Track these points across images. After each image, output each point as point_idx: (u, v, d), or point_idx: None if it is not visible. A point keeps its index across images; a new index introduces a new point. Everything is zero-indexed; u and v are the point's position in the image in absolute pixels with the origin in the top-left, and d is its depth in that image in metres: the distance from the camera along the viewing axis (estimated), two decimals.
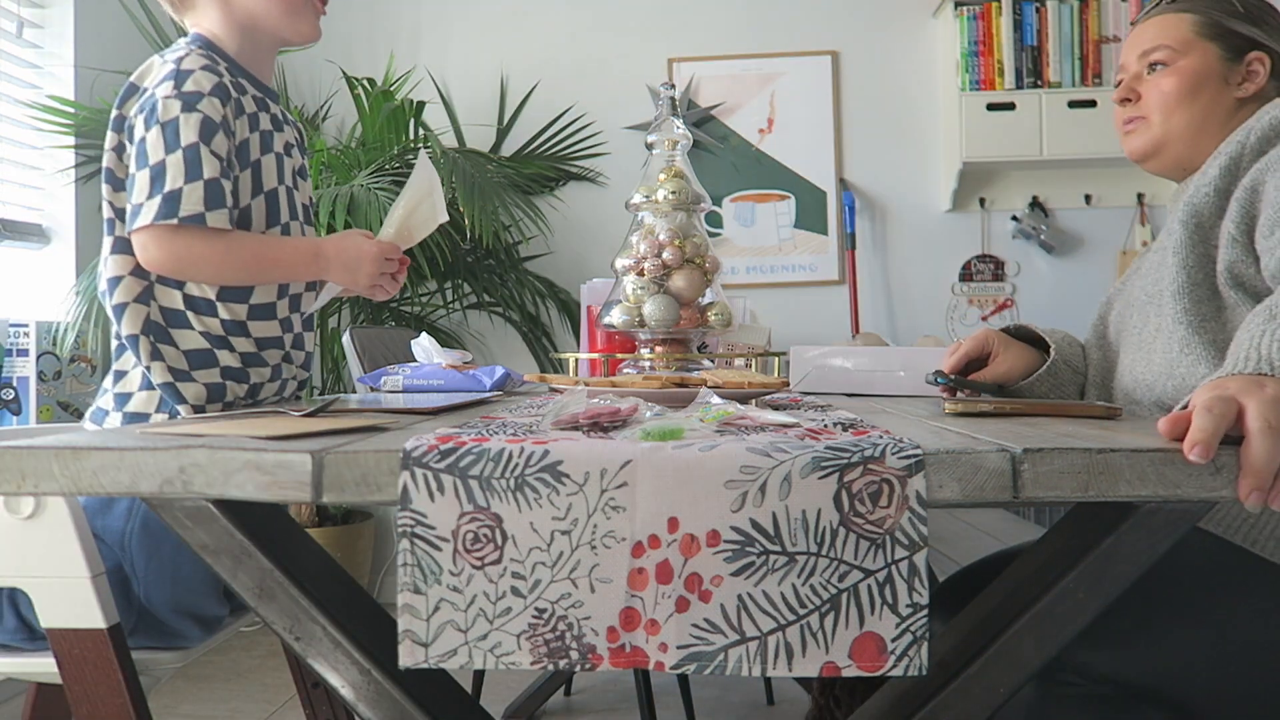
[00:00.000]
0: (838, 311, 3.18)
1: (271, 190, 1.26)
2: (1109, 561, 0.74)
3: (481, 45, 3.28)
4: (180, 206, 1.13)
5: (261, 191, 1.25)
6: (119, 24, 2.77)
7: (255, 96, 1.26)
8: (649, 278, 1.36)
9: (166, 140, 1.14)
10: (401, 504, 0.69)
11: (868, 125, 3.22)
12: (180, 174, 1.14)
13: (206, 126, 1.16)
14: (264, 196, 1.25)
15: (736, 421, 0.83)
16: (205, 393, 1.21)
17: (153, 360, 1.19)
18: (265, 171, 1.25)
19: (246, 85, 1.25)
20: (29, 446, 0.72)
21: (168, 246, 1.15)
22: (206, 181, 1.15)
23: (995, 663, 0.75)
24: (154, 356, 1.19)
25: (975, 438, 0.75)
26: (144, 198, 1.15)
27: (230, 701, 2.33)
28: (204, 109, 1.16)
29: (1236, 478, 0.68)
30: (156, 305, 1.21)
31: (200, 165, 1.15)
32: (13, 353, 2.27)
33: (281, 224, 1.27)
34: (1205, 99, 1.20)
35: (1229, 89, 1.20)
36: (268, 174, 1.26)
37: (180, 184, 1.14)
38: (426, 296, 3.12)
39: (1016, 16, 2.97)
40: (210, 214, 1.15)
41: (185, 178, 1.14)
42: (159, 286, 1.21)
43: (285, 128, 1.33)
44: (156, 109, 1.15)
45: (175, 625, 1.18)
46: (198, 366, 1.21)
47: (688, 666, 0.67)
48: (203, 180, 1.15)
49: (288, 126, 1.34)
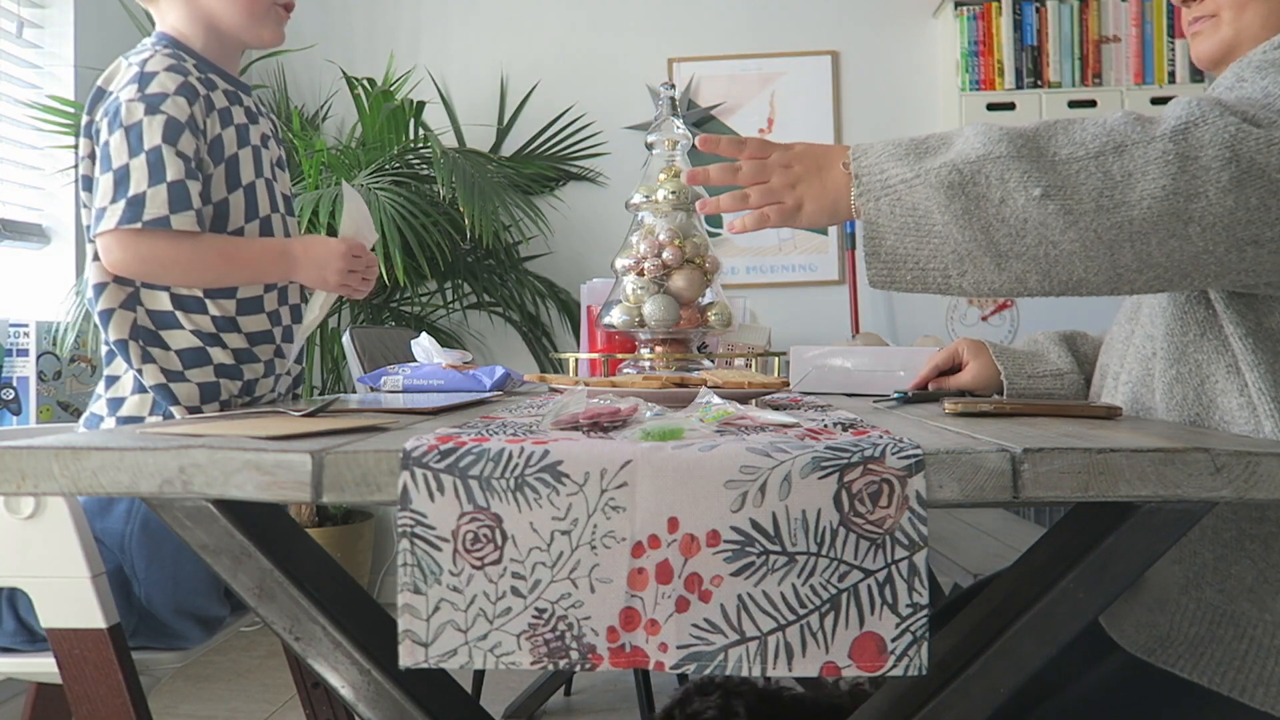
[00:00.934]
0: (837, 311, 3.18)
1: (250, 184, 1.26)
2: (1109, 561, 0.74)
3: (481, 45, 3.28)
4: (144, 210, 1.13)
5: (240, 186, 1.24)
6: (119, 24, 2.77)
7: (226, 91, 1.26)
8: (649, 278, 1.36)
9: (130, 144, 1.14)
10: (401, 504, 0.69)
11: (868, 125, 3.22)
12: (144, 177, 1.13)
13: (171, 127, 1.15)
14: (242, 191, 1.25)
15: (736, 421, 0.83)
16: (199, 392, 1.21)
17: (144, 363, 1.19)
18: (243, 165, 1.25)
19: (216, 80, 1.25)
20: (29, 446, 0.72)
21: (132, 250, 1.15)
22: (170, 184, 1.14)
23: (995, 663, 0.75)
24: (145, 359, 1.19)
25: (975, 438, 0.75)
26: (108, 201, 1.15)
27: (230, 701, 2.33)
28: (168, 110, 1.15)
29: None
30: (143, 309, 1.20)
31: (164, 168, 1.14)
32: (13, 353, 2.27)
33: (261, 217, 1.27)
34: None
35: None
36: (245, 167, 1.25)
37: (144, 187, 1.13)
38: (426, 296, 3.12)
39: (1016, 16, 2.97)
40: (175, 216, 1.14)
41: (149, 181, 1.13)
42: (145, 290, 1.21)
43: (260, 119, 1.32)
44: (120, 112, 1.15)
45: (176, 626, 1.18)
46: (190, 365, 1.21)
47: (688, 666, 0.67)
48: (166, 183, 1.14)
49: (263, 118, 1.33)
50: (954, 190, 0.81)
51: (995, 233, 0.81)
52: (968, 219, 0.81)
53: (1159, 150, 0.77)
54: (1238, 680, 0.84)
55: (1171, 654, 0.88)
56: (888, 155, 0.86)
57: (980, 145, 0.82)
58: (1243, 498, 0.68)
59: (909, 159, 0.84)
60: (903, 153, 0.85)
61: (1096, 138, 0.79)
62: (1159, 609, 0.90)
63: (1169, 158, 0.77)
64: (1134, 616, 0.92)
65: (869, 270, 0.87)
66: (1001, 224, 0.80)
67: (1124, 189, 0.77)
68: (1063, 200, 0.78)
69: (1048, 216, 0.78)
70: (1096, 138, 0.79)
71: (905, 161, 0.84)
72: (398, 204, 2.61)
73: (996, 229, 0.81)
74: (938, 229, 0.83)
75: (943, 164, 0.82)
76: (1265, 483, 0.68)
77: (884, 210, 0.85)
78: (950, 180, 0.81)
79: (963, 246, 0.82)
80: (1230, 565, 0.86)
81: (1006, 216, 0.80)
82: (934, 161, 0.83)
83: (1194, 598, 0.88)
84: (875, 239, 0.86)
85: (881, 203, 0.85)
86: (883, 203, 0.85)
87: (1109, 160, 0.78)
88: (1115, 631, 0.94)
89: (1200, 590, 0.87)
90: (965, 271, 0.84)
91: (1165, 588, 0.90)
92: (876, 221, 0.85)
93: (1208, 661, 0.86)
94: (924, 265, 0.85)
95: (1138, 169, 0.77)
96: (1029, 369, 1.24)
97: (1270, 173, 0.76)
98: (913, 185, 0.83)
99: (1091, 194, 0.78)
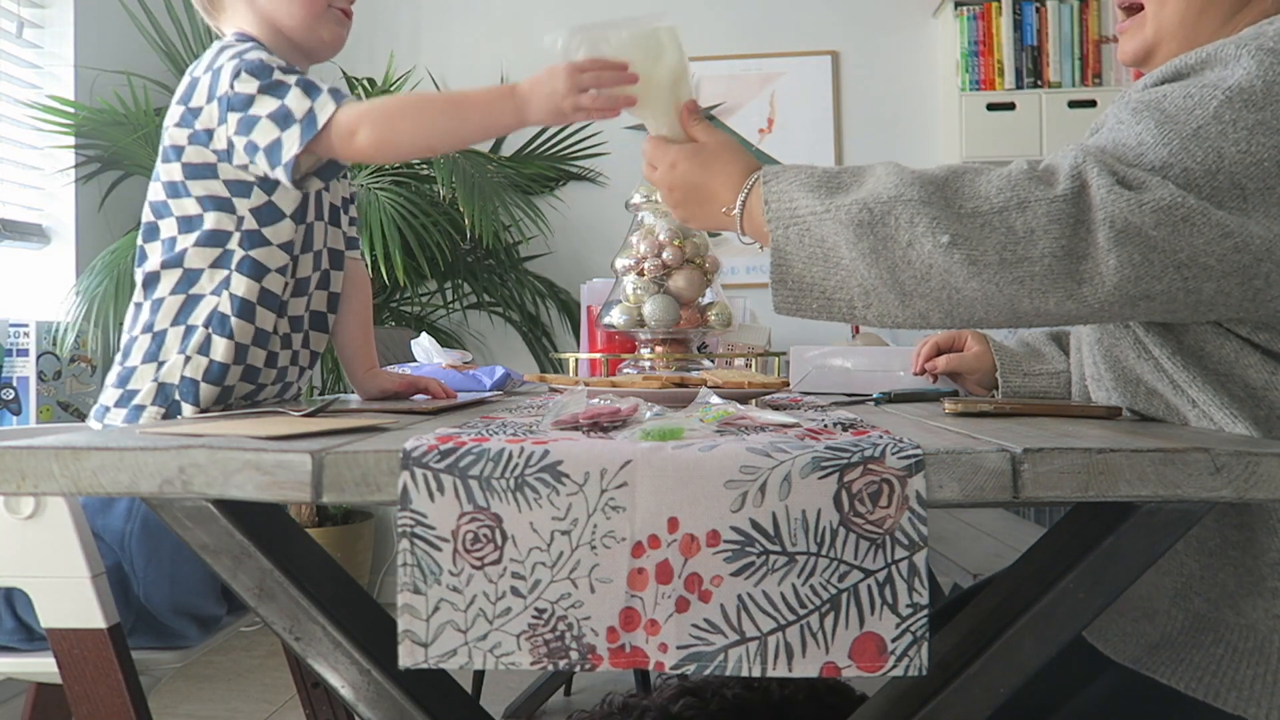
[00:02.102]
0: None
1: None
2: (1109, 561, 0.74)
3: (481, 45, 3.28)
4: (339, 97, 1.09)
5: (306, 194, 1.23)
6: (119, 24, 2.77)
7: None
8: (649, 278, 1.36)
9: (267, 88, 1.10)
10: (401, 504, 0.69)
11: (868, 125, 3.22)
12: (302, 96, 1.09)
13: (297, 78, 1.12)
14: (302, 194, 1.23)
15: (736, 421, 0.83)
16: (218, 394, 1.20)
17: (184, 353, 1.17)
18: None
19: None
20: (29, 446, 0.72)
21: (361, 114, 1.09)
22: (330, 89, 1.10)
23: (995, 663, 0.75)
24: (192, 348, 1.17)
25: (975, 438, 0.75)
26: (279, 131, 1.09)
27: (230, 701, 2.33)
28: (279, 76, 1.12)
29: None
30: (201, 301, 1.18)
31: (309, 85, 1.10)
32: (13, 353, 2.27)
33: (306, 222, 1.25)
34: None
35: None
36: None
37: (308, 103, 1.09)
38: (426, 296, 3.12)
39: (1016, 16, 2.97)
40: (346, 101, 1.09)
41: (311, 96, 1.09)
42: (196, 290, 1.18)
43: None
44: (240, 72, 1.11)
45: (174, 625, 1.18)
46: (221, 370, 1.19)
47: (688, 666, 0.67)
48: (325, 88, 1.10)
49: None
50: (863, 228, 0.82)
51: (901, 273, 0.82)
52: (875, 257, 0.82)
53: (1057, 211, 0.79)
54: (1212, 685, 0.85)
55: (1156, 660, 0.88)
56: (798, 185, 0.87)
57: (892, 186, 0.83)
58: (1243, 498, 0.68)
59: (820, 191, 0.85)
60: (814, 184, 0.86)
61: (1001, 191, 0.81)
62: (1148, 620, 0.90)
63: (1064, 219, 0.79)
64: (1121, 627, 0.92)
65: (775, 297, 0.88)
66: (908, 265, 0.82)
67: (1026, 245, 0.79)
68: (968, 250, 0.80)
69: (952, 264, 0.80)
70: (1001, 191, 0.81)
71: (816, 194, 0.85)
72: (398, 204, 2.61)
73: (902, 270, 0.82)
74: (845, 262, 0.84)
75: (853, 201, 0.83)
76: (1265, 483, 0.68)
77: (792, 239, 0.86)
78: (860, 219, 0.82)
79: (868, 282, 0.84)
80: (1216, 573, 0.87)
81: (913, 259, 0.81)
82: (845, 198, 0.84)
83: (1184, 608, 0.88)
84: (782, 266, 0.87)
85: (790, 231, 0.86)
86: (791, 231, 0.86)
87: (1012, 215, 0.79)
88: (1101, 641, 0.94)
89: (1189, 601, 0.88)
90: (870, 305, 0.85)
91: (1155, 599, 0.90)
92: (785, 249, 0.86)
93: (1187, 666, 0.86)
94: (830, 295, 0.86)
95: (1039, 227, 0.79)
96: (1025, 367, 1.25)
97: (1146, 230, 0.78)
98: (822, 218, 0.84)
99: (995, 247, 0.79)
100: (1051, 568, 0.78)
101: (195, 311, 1.18)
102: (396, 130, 1.11)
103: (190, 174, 1.17)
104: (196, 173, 1.17)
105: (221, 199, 1.17)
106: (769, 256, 0.89)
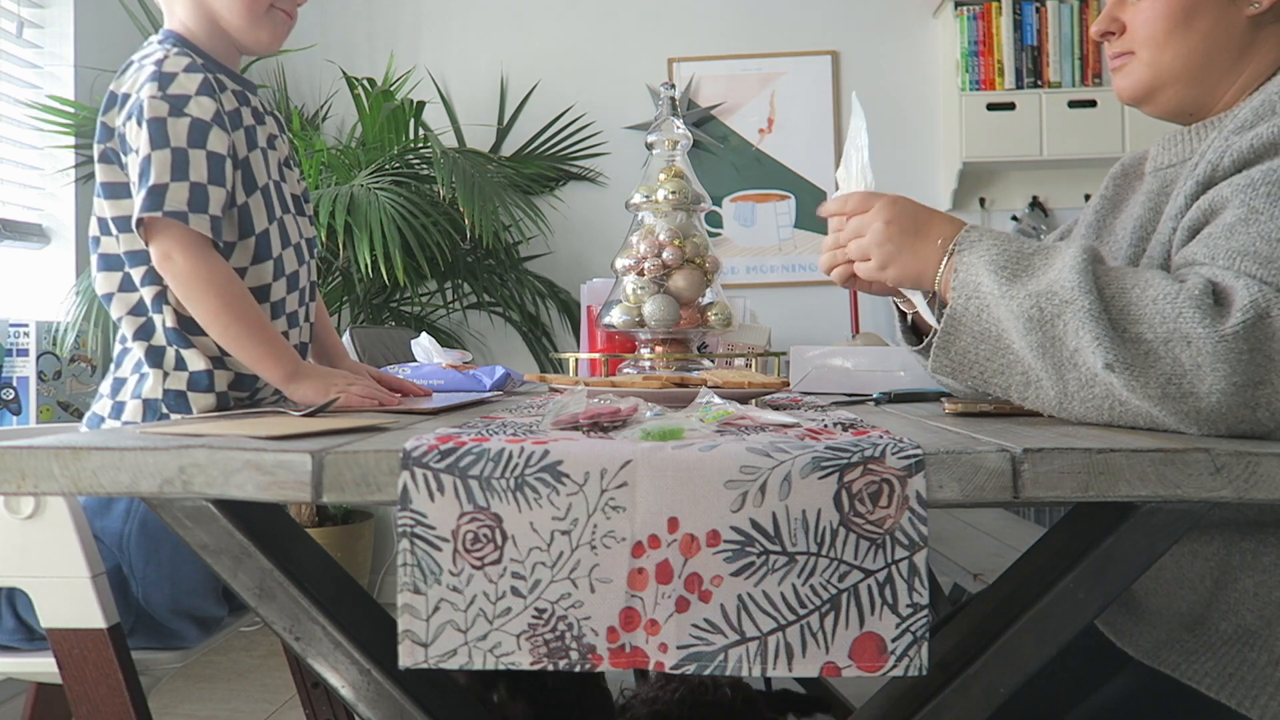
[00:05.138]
0: (837, 312, 3.18)
1: (264, 186, 1.25)
2: (1109, 561, 0.74)
3: (481, 45, 3.28)
4: (165, 201, 1.11)
5: (256, 188, 1.23)
6: (119, 24, 2.77)
7: (235, 91, 1.25)
8: (649, 278, 1.36)
9: (153, 138, 1.13)
10: (401, 504, 0.69)
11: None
12: (166, 171, 1.12)
13: (196, 130, 1.14)
14: (259, 192, 1.24)
15: (736, 421, 0.83)
16: (215, 402, 1.20)
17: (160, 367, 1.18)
18: (255, 167, 1.24)
19: (225, 81, 1.24)
20: (29, 446, 0.72)
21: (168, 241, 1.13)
22: (193, 184, 1.13)
23: (995, 663, 0.75)
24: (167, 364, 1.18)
25: (975, 438, 0.75)
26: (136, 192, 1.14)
27: (230, 701, 2.33)
28: (192, 112, 1.14)
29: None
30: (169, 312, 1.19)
31: (187, 167, 1.13)
32: (13, 353, 2.27)
33: (277, 219, 1.26)
34: (1204, 25, 0.98)
35: (1236, 7, 0.97)
36: (258, 170, 1.24)
37: (166, 179, 1.12)
38: (426, 296, 3.12)
39: (1016, 16, 2.97)
40: (193, 216, 1.12)
41: (171, 175, 1.12)
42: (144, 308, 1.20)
43: (266, 118, 1.31)
44: (143, 110, 1.13)
45: (173, 626, 1.18)
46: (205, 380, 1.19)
47: (688, 666, 0.67)
48: (189, 182, 1.13)
49: (269, 117, 1.32)
50: (1033, 324, 0.82)
51: (1066, 373, 0.82)
52: (1042, 352, 0.82)
53: (1228, 348, 0.76)
54: (1249, 694, 0.86)
55: (1194, 668, 0.89)
56: (988, 261, 0.86)
57: (1069, 286, 0.81)
58: (1243, 498, 0.68)
59: (1004, 274, 0.85)
60: (1004, 261, 0.85)
61: (1166, 320, 0.78)
62: (1188, 631, 0.91)
63: (1240, 353, 0.76)
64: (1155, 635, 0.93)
65: (934, 360, 0.88)
66: (1074, 369, 0.81)
67: (1193, 379, 0.77)
68: (1130, 377, 0.78)
69: (1114, 382, 0.79)
70: (1166, 320, 0.78)
71: (1000, 276, 0.85)
72: (398, 204, 2.61)
73: (1068, 371, 0.82)
74: (1014, 349, 0.84)
75: (1030, 293, 0.82)
76: (1265, 483, 0.68)
77: (970, 311, 0.86)
78: (1031, 314, 0.82)
79: (1034, 373, 0.84)
80: (1271, 591, 0.88)
81: (1079, 364, 0.81)
82: (1024, 288, 0.83)
83: (1232, 621, 0.89)
84: (951, 335, 0.87)
85: (971, 304, 0.86)
86: (971, 304, 0.86)
87: (1177, 349, 0.77)
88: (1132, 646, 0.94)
89: (1240, 615, 0.89)
90: (1027, 397, 0.86)
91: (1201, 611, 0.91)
92: (959, 319, 0.87)
93: (1227, 678, 0.87)
94: (988, 378, 0.87)
95: (1206, 363, 0.76)
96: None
97: None
98: (999, 301, 0.84)
99: (1159, 380, 0.78)
100: (1051, 568, 0.78)
101: (154, 331, 1.20)
102: (195, 301, 1.14)
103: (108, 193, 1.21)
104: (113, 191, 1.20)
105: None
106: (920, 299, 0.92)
